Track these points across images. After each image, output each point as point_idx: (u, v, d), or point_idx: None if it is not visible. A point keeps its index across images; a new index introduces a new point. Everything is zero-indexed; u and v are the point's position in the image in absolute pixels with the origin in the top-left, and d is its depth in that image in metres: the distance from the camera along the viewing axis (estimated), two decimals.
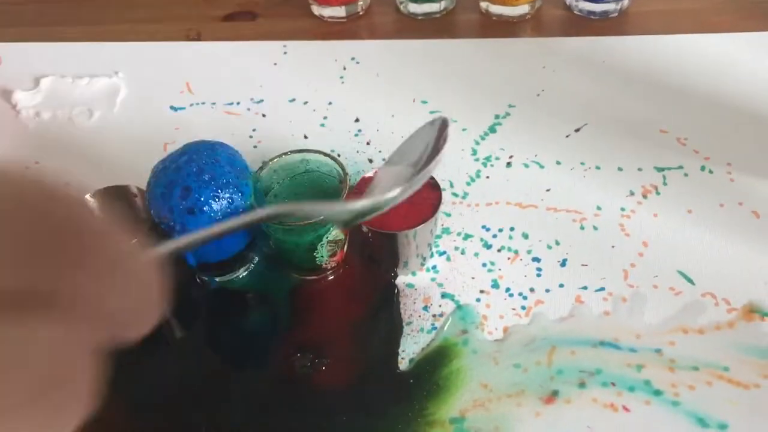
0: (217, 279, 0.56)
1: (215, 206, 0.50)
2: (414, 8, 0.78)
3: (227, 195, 0.50)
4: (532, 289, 0.55)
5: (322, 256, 0.53)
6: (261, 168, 0.54)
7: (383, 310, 0.54)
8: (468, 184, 0.62)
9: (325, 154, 0.54)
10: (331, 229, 0.51)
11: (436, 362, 0.51)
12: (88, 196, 0.55)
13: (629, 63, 0.70)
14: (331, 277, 0.56)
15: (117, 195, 0.56)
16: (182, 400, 0.51)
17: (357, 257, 0.56)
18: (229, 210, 0.50)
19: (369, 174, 0.55)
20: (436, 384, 0.50)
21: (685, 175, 0.60)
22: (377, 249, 0.55)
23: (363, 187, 0.54)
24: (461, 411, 0.49)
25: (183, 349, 0.55)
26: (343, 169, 0.53)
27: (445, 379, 0.50)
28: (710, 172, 0.60)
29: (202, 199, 0.50)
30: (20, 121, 0.71)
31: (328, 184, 0.55)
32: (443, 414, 0.49)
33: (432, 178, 0.54)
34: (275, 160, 0.54)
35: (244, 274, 0.57)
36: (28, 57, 0.78)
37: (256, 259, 0.57)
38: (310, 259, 0.53)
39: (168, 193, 0.50)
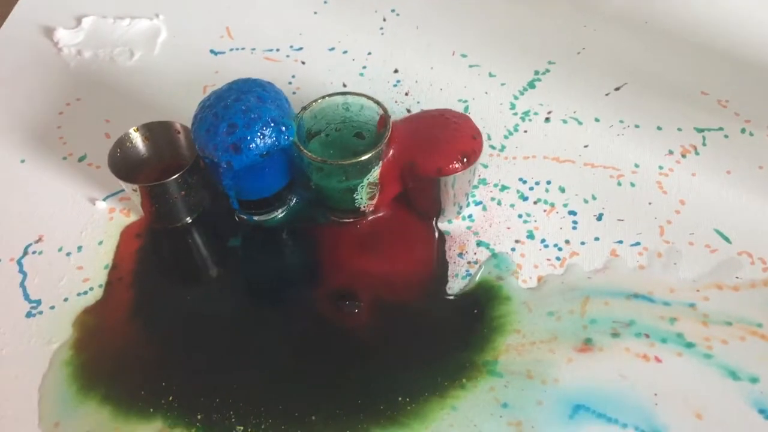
0: (255, 218, 0.57)
1: (260, 143, 0.50)
2: None
3: (272, 133, 0.51)
4: (567, 241, 0.55)
5: (361, 198, 0.54)
6: (304, 109, 0.54)
7: (424, 253, 0.55)
8: (506, 137, 0.62)
9: (368, 97, 0.54)
10: (374, 170, 0.52)
11: (470, 307, 0.52)
12: (132, 130, 0.56)
13: (672, 24, 0.69)
14: (368, 220, 0.57)
15: (161, 130, 0.57)
16: (218, 337, 0.52)
17: (395, 201, 0.57)
18: (273, 147, 0.51)
19: (413, 117, 0.55)
20: (470, 328, 0.51)
21: (725, 136, 0.60)
22: (415, 194, 0.56)
23: (406, 127, 0.54)
24: (494, 355, 0.49)
25: (221, 284, 0.56)
26: (385, 111, 0.53)
27: (479, 323, 0.51)
28: (750, 134, 0.60)
29: (248, 137, 0.50)
30: (62, 58, 0.71)
31: (369, 134, 0.55)
32: (477, 357, 0.49)
33: (474, 127, 0.54)
34: (318, 101, 0.54)
35: (282, 214, 0.58)
36: None
37: (295, 199, 0.58)
38: (349, 201, 0.54)
39: (214, 129, 0.51)
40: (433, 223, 0.56)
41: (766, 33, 0.67)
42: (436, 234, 0.56)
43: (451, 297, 0.52)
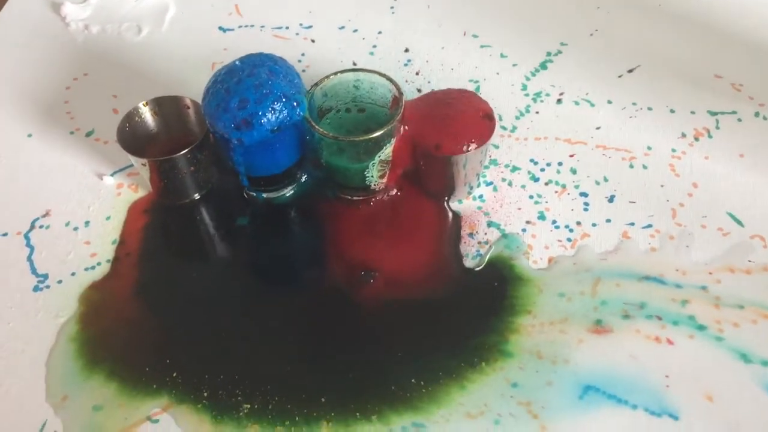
0: (264, 195, 0.57)
1: (271, 118, 0.50)
2: None
3: (284, 108, 0.50)
4: (578, 223, 0.55)
5: (372, 176, 0.53)
6: (316, 85, 0.53)
7: (435, 232, 0.54)
8: (517, 118, 0.61)
9: (380, 74, 0.53)
10: (386, 147, 0.51)
11: (481, 288, 0.52)
12: (141, 104, 0.56)
13: (686, 6, 0.69)
14: (378, 198, 0.56)
15: (170, 105, 0.56)
16: (225, 315, 0.52)
17: (405, 180, 0.56)
18: (284, 123, 0.50)
19: (424, 96, 0.55)
20: (480, 308, 0.51)
21: (739, 120, 0.60)
22: (426, 173, 0.55)
23: (418, 107, 0.54)
24: (505, 335, 0.49)
25: (229, 261, 0.55)
26: (398, 88, 0.52)
27: (490, 303, 0.51)
28: (764, 118, 0.60)
29: (259, 112, 0.50)
30: (69, 33, 0.71)
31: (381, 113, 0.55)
32: (487, 337, 0.49)
33: (487, 107, 0.54)
34: (330, 77, 0.54)
35: (291, 192, 0.57)
36: None
37: (305, 177, 0.57)
38: (360, 179, 0.53)
39: (225, 104, 0.50)
40: (445, 203, 0.56)
41: None
42: (449, 214, 0.55)
43: (462, 277, 0.52)
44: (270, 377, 0.49)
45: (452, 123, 0.52)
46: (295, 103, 0.50)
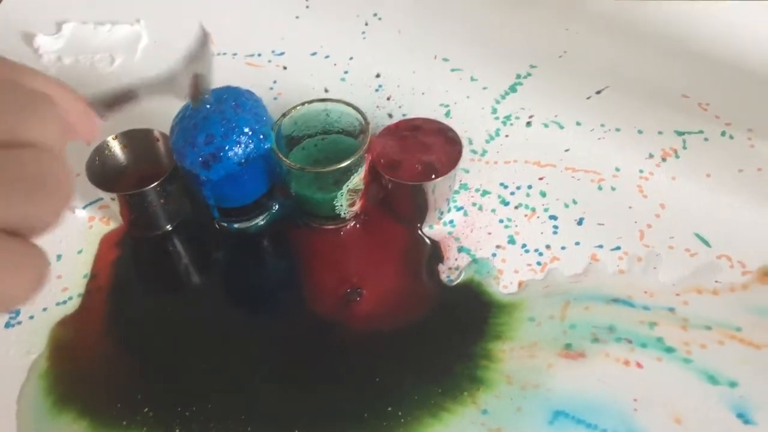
0: (236, 225, 0.57)
1: (238, 151, 0.50)
2: None
3: (250, 141, 0.51)
4: (548, 246, 0.55)
5: (341, 205, 0.53)
6: (283, 116, 0.54)
7: (406, 260, 0.55)
8: (487, 141, 0.62)
9: (347, 104, 0.54)
10: (353, 177, 0.51)
11: (453, 312, 0.52)
12: (111, 138, 0.56)
13: (653, 28, 0.70)
14: (349, 226, 0.56)
15: (140, 138, 0.56)
16: (197, 347, 0.52)
17: (375, 208, 0.57)
18: (251, 155, 0.51)
19: (393, 125, 0.55)
20: (450, 334, 0.51)
21: (706, 139, 0.60)
22: (395, 200, 0.56)
23: (387, 136, 0.54)
24: (476, 360, 0.49)
25: (202, 292, 0.55)
26: (364, 117, 0.53)
27: (459, 329, 0.51)
28: (731, 137, 0.60)
29: (226, 147, 0.50)
30: (42, 65, 0.71)
31: (350, 141, 0.55)
32: (457, 363, 0.49)
33: (453, 132, 0.54)
34: (297, 108, 0.54)
35: (263, 222, 0.57)
36: (50, 2, 0.78)
37: (276, 206, 0.58)
38: (329, 208, 0.54)
39: (192, 140, 0.50)
40: (418, 229, 0.56)
41: (745, 37, 0.68)
42: (422, 240, 0.56)
43: (434, 304, 0.52)
44: (243, 408, 0.49)
45: (419, 151, 0.53)
46: (261, 136, 0.51)
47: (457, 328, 0.51)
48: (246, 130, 0.50)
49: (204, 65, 0.47)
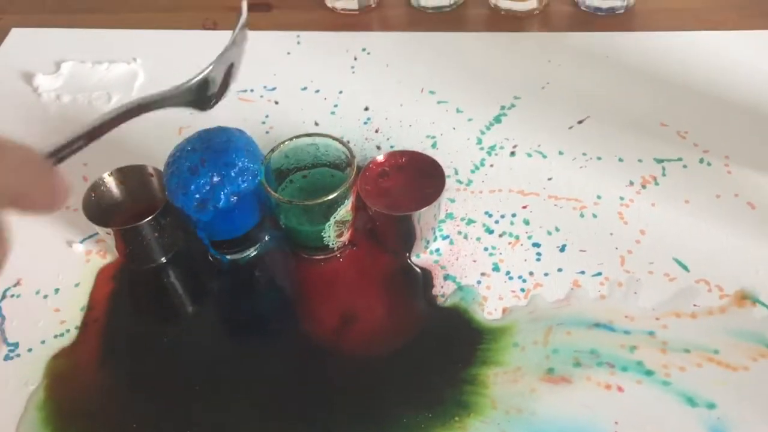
0: (228, 257, 0.59)
1: (230, 191, 0.52)
2: (425, 2, 0.80)
3: (243, 182, 0.53)
4: (531, 273, 0.56)
5: (329, 236, 0.55)
6: (272, 150, 0.56)
7: (394, 288, 0.57)
8: (472, 171, 0.64)
9: (333, 138, 0.56)
10: (340, 209, 0.53)
11: (438, 339, 0.53)
12: (106, 174, 0.58)
13: (632, 58, 0.72)
14: (338, 257, 0.58)
15: (134, 174, 0.58)
16: (193, 378, 0.54)
17: (363, 238, 0.59)
18: (243, 193, 0.53)
19: (379, 158, 0.57)
20: (435, 360, 0.52)
21: (684, 166, 0.62)
22: (382, 231, 0.57)
23: (373, 169, 0.56)
24: (461, 386, 0.51)
25: (196, 322, 0.57)
26: (350, 151, 0.55)
27: (445, 356, 0.52)
28: (708, 164, 0.62)
29: (218, 190, 0.52)
30: (41, 103, 0.73)
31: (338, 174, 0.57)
32: (443, 388, 0.51)
33: (437, 164, 0.56)
34: (286, 143, 0.56)
35: (254, 252, 0.59)
36: (50, 42, 0.81)
37: (267, 238, 0.59)
38: (318, 239, 0.55)
39: (184, 183, 0.53)
40: (407, 258, 0.58)
41: (722, 67, 0.70)
42: (410, 268, 0.58)
43: (420, 331, 0.54)
44: None
45: (405, 182, 0.55)
46: (251, 175, 0.53)
47: (445, 354, 0.53)
48: (238, 168, 0.52)
49: (239, 52, 0.48)
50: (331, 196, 0.52)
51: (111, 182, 0.58)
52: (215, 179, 0.52)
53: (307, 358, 0.54)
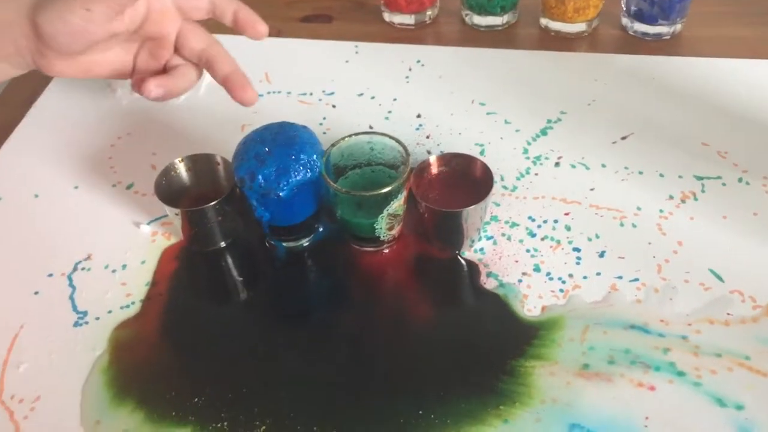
0: (284, 244, 0.62)
1: (293, 182, 0.56)
2: (478, 20, 0.84)
3: (306, 173, 0.57)
4: (570, 275, 0.59)
5: (381, 228, 0.59)
6: (332, 146, 0.60)
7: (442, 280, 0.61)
8: (518, 179, 0.67)
9: (390, 137, 0.59)
10: (393, 202, 0.57)
11: (479, 332, 0.56)
12: (177, 160, 0.62)
13: (677, 81, 0.75)
14: (387, 249, 0.62)
15: (203, 161, 0.63)
16: (244, 353, 0.57)
17: (412, 233, 0.62)
18: (304, 183, 0.57)
19: (432, 158, 0.61)
20: (477, 350, 0.55)
21: (723, 184, 0.65)
22: (431, 226, 0.61)
23: (426, 168, 0.60)
24: (499, 375, 0.53)
25: (250, 302, 0.61)
26: (405, 149, 0.58)
27: (487, 347, 0.55)
28: (747, 183, 0.64)
29: (282, 181, 0.56)
30: (116, 97, 0.78)
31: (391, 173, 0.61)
32: (483, 377, 0.53)
33: (486, 166, 0.60)
34: (345, 139, 0.60)
35: (307, 242, 0.63)
36: None
37: (321, 228, 0.63)
38: (370, 230, 0.59)
39: (250, 168, 0.56)
40: (457, 254, 0.61)
41: (764, 94, 0.72)
42: (457, 263, 0.61)
43: (466, 322, 0.57)
44: (288, 405, 0.53)
45: (454, 183, 0.58)
46: (313, 168, 0.57)
47: (488, 346, 0.56)
48: (303, 162, 0.56)
49: None
50: (386, 189, 0.55)
51: (181, 168, 0.62)
52: (280, 168, 0.56)
53: (354, 344, 0.57)
